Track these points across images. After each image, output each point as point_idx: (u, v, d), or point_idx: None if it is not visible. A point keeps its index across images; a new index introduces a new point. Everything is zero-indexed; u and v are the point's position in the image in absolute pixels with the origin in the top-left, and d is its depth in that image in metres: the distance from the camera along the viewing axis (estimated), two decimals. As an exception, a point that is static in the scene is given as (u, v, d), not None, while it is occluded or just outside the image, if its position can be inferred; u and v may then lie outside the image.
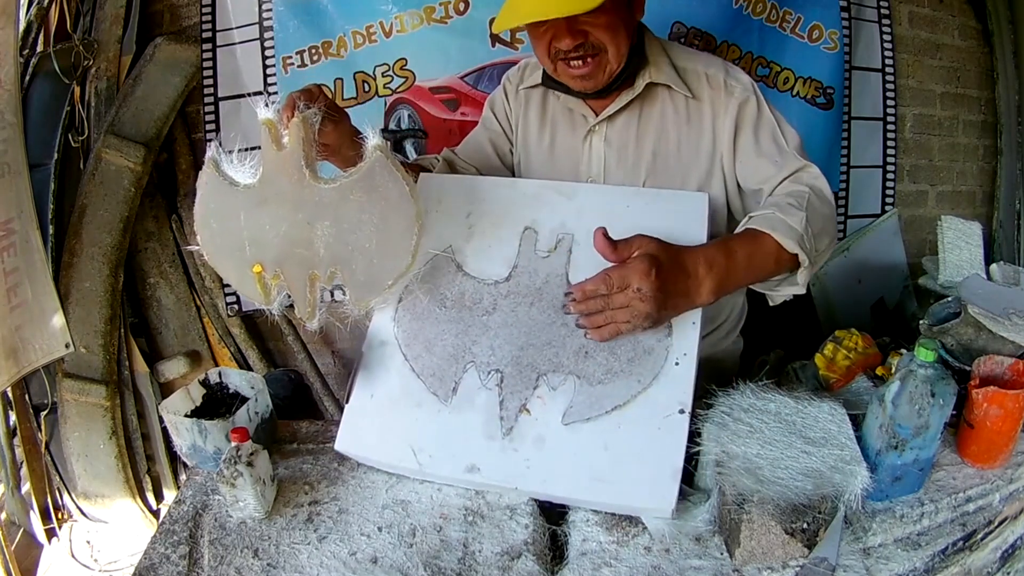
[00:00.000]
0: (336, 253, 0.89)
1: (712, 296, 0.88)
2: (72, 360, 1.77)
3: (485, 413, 0.91)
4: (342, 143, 1.01)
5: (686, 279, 0.86)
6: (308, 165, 0.87)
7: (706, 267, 0.87)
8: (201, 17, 1.88)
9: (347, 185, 0.87)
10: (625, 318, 0.85)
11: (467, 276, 0.99)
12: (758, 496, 0.79)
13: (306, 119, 0.87)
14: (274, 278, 0.92)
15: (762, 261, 0.92)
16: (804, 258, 0.92)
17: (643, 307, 0.83)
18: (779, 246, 0.91)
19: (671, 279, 0.84)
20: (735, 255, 0.90)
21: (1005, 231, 2.18)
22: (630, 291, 0.83)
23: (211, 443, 0.96)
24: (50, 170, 1.80)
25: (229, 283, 0.96)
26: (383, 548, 0.85)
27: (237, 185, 0.89)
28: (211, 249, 0.93)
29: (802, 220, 0.92)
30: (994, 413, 0.89)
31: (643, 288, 0.82)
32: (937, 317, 1.18)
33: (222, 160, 0.90)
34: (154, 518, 1.94)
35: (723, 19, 1.86)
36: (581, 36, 1.00)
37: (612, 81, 1.06)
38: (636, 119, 1.13)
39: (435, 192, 1.06)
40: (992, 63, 2.14)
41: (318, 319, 0.93)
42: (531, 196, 1.04)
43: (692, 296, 0.87)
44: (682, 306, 0.88)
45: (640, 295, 0.83)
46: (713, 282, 0.87)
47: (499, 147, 1.30)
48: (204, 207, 0.92)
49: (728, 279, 0.88)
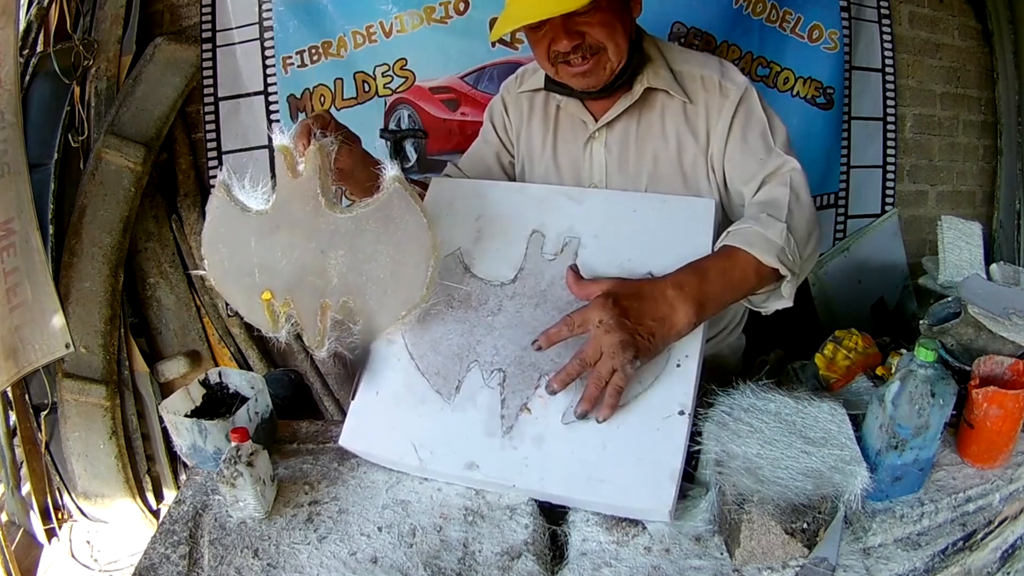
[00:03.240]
0: (349, 283, 0.89)
1: (693, 316, 0.85)
2: (72, 360, 1.77)
3: (486, 411, 0.91)
4: (355, 167, 1.01)
5: (653, 303, 0.85)
6: (324, 194, 0.87)
7: (675, 289, 0.86)
8: (201, 17, 1.88)
9: (363, 215, 0.87)
10: (607, 367, 0.82)
11: (474, 278, 1.00)
12: (758, 496, 0.79)
13: (323, 147, 0.87)
14: (284, 306, 0.92)
15: (740, 277, 0.91)
16: (786, 271, 0.91)
17: (613, 338, 0.81)
18: (758, 261, 0.90)
19: (633, 306, 0.84)
20: (707, 274, 0.89)
21: (1005, 231, 2.18)
22: (593, 328, 0.82)
23: (211, 443, 0.96)
24: (50, 170, 1.80)
25: (236, 309, 0.96)
26: (383, 548, 0.85)
27: (249, 211, 0.90)
28: (218, 274, 0.93)
29: (782, 232, 0.92)
30: (994, 413, 0.89)
31: (604, 319, 0.82)
32: (937, 317, 1.18)
33: (233, 185, 0.90)
34: (154, 518, 1.94)
35: (723, 19, 1.86)
36: (578, 37, 1.00)
37: (615, 79, 1.07)
38: (635, 124, 1.13)
39: (447, 196, 1.07)
40: (992, 63, 2.14)
41: (327, 347, 0.92)
42: (540, 200, 1.05)
43: (669, 319, 0.85)
44: (661, 332, 0.85)
45: (604, 326, 0.81)
46: (688, 303, 0.85)
47: (499, 159, 1.31)
48: (213, 231, 0.92)
49: (705, 299, 0.87)
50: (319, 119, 0.93)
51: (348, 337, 0.93)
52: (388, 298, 0.89)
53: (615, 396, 0.84)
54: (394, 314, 0.91)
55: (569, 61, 1.03)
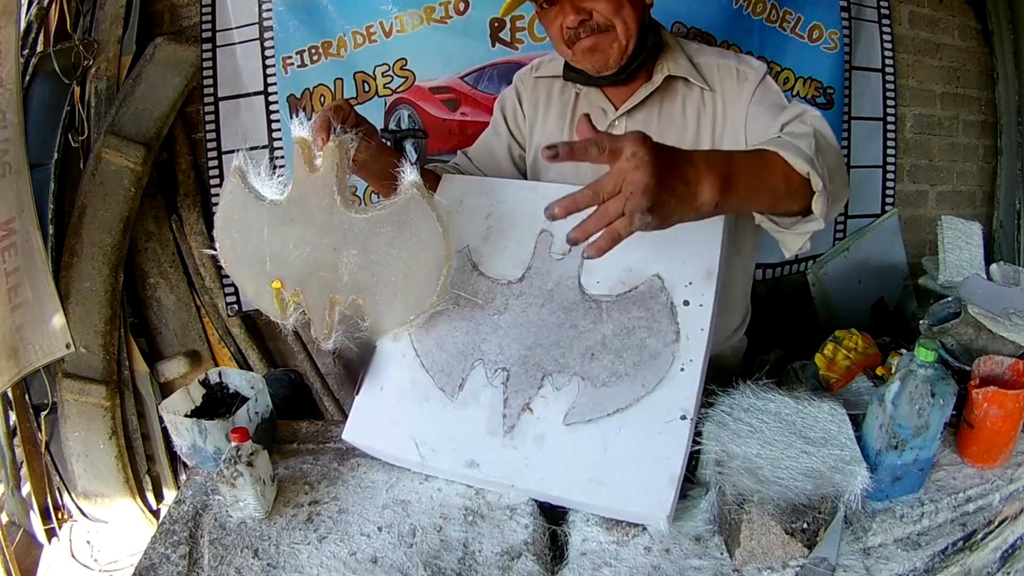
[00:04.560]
0: (360, 282, 0.89)
1: (716, 194, 0.73)
2: (72, 360, 1.77)
3: (489, 410, 0.91)
4: (370, 158, 1.01)
5: (685, 164, 0.73)
6: (340, 191, 0.87)
7: (704, 161, 0.75)
8: (201, 17, 1.88)
9: (379, 217, 0.87)
10: (617, 207, 0.70)
11: (482, 276, 1.00)
12: (758, 496, 0.79)
13: (342, 144, 0.87)
14: (292, 296, 0.92)
15: (768, 176, 0.81)
16: (817, 180, 0.81)
17: (639, 176, 0.68)
18: (787, 165, 0.81)
19: (667, 156, 0.72)
20: (734, 160, 0.79)
21: (1005, 231, 2.18)
22: (623, 160, 0.69)
23: (211, 443, 0.96)
24: (50, 170, 1.80)
25: (245, 293, 0.96)
26: (383, 548, 0.85)
27: (263, 199, 0.89)
28: (230, 258, 0.93)
29: (811, 144, 0.84)
30: (994, 413, 0.89)
31: (638, 152, 0.68)
32: (937, 317, 1.18)
33: (249, 171, 0.90)
34: (154, 518, 1.94)
35: (723, 19, 1.86)
36: (585, 13, 1.02)
37: (629, 62, 1.07)
38: (656, 114, 1.13)
39: (458, 193, 1.07)
40: (992, 63, 2.14)
41: (333, 340, 0.93)
42: (550, 199, 1.04)
43: (694, 187, 0.73)
44: (684, 197, 0.72)
45: (636, 160, 0.68)
46: (715, 177, 0.74)
47: (510, 152, 1.30)
48: (226, 216, 0.92)
49: (732, 182, 0.75)
50: (339, 111, 0.92)
51: (355, 332, 0.93)
52: (398, 301, 0.89)
53: (610, 241, 0.71)
54: (403, 317, 0.91)
55: (580, 37, 1.04)
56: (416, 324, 0.94)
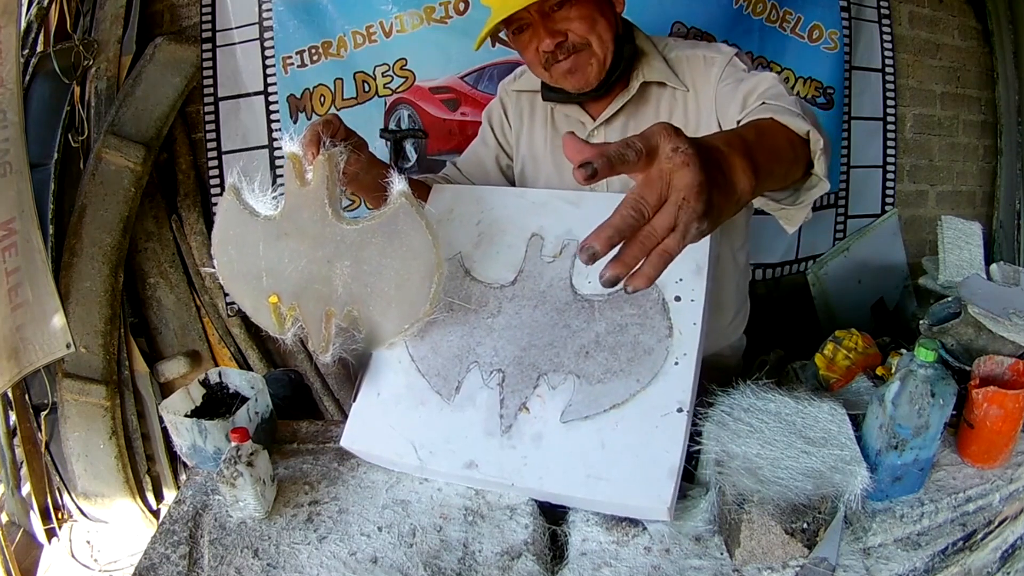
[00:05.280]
0: (354, 293, 0.90)
1: (752, 178, 0.63)
2: (72, 360, 1.77)
3: (486, 411, 0.92)
4: (360, 170, 1.01)
5: (717, 151, 0.62)
6: (331, 204, 0.87)
7: (726, 145, 0.64)
8: (201, 17, 1.88)
9: (369, 228, 0.87)
10: (668, 220, 0.56)
11: (475, 280, 1.00)
12: (758, 496, 0.79)
13: (332, 157, 0.87)
14: (290, 310, 0.93)
15: (775, 143, 0.75)
16: (818, 137, 0.76)
17: (691, 175, 0.55)
18: (787, 129, 0.77)
19: (702, 143, 0.59)
20: (743, 135, 0.71)
21: (1005, 231, 2.18)
22: (663, 160, 0.56)
23: (211, 443, 0.96)
24: (50, 170, 1.80)
25: (243, 309, 0.96)
26: (383, 548, 0.85)
27: (257, 215, 0.90)
28: (227, 274, 0.94)
29: (795, 101, 0.82)
30: (994, 413, 0.89)
31: (680, 146, 0.56)
32: (937, 317, 1.18)
33: (243, 189, 0.91)
34: (154, 518, 1.94)
35: (723, 19, 1.86)
36: (560, 35, 1.01)
37: (607, 76, 1.06)
38: (633, 121, 1.13)
39: (447, 202, 1.08)
40: (992, 63, 2.14)
41: (331, 352, 0.93)
42: (539, 204, 1.05)
43: (731, 174, 0.62)
44: (723, 189, 0.60)
45: (682, 155, 0.55)
46: (743, 161, 0.63)
47: (498, 162, 1.31)
48: (223, 233, 0.93)
49: (756, 160, 0.65)
50: (328, 125, 0.92)
51: (352, 344, 0.94)
52: (392, 311, 0.90)
53: (662, 263, 0.57)
54: (397, 327, 0.92)
55: (557, 59, 1.03)
56: (411, 333, 0.94)
